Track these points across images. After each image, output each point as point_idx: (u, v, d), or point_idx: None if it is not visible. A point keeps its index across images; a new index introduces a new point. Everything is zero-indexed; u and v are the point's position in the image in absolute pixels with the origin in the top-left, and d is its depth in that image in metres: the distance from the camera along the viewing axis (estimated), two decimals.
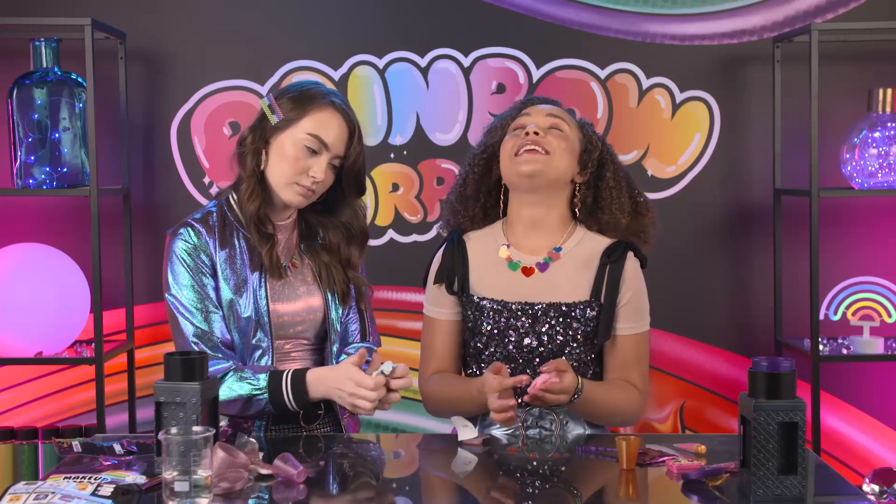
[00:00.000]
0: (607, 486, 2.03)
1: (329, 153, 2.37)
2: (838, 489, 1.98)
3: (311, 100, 2.38)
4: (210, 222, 2.41)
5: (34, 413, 3.47)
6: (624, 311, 2.42)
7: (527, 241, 2.49)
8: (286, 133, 2.37)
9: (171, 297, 2.36)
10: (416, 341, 2.63)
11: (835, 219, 3.47)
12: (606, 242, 2.47)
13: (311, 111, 2.37)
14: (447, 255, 2.51)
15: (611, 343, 2.43)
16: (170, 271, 2.37)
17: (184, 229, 2.39)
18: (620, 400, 2.40)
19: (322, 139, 2.36)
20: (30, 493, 1.74)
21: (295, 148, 2.36)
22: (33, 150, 3.15)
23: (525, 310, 2.41)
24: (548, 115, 2.47)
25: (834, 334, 3.43)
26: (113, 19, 3.31)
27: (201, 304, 2.35)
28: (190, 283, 2.36)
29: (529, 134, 2.42)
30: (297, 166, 2.36)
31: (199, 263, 2.36)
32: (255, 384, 2.29)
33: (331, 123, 2.37)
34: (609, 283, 2.41)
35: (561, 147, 2.43)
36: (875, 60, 3.46)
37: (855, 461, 3.49)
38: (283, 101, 2.40)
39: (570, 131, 2.47)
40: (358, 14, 3.47)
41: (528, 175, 2.40)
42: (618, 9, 3.47)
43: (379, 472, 2.17)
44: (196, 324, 2.34)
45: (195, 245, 2.37)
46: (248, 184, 2.40)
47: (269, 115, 2.39)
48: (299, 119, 2.37)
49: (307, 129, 2.36)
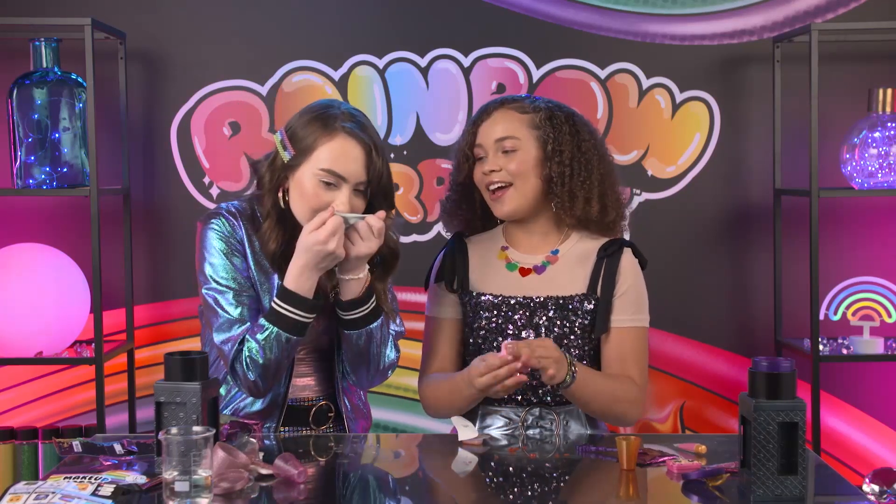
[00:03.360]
0: (607, 486, 2.03)
1: (349, 184, 2.25)
2: (838, 489, 1.98)
3: (321, 129, 2.26)
4: (245, 214, 2.35)
5: (34, 413, 3.47)
6: (620, 303, 2.42)
7: (525, 243, 2.50)
8: (301, 169, 2.27)
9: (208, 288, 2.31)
10: (416, 341, 2.63)
11: (835, 219, 3.47)
12: (603, 241, 2.47)
13: (322, 142, 2.25)
14: (448, 255, 2.53)
15: (608, 337, 2.43)
16: (207, 263, 2.32)
17: (216, 219, 2.34)
18: (617, 388, 2.36)
19: (337, 173, 2.24)
20: (30, 493, 1.74)
21: (312, 185, 2.26)
22: (33, 150, 3.15)
23: (523, 303, 2.42)
24: (496, 140, 2.43)
25: (834, 334, 3.43)
26: (113, 19, 3.31)
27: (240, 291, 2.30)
28: (230, 273, 2.31)
29: (487, 174, 2.43)
30: (319, 201, 2.24)
31: (233, 251, 2.32)
32: (262, 331, 2.23)
33: (344, 153, 2.25)
34: (605, 275, 2.42)
35: (520, 172, 2.41)
36: (875, 60, 3.46)
37: (855, 461, 3.50)
38: (294, 131, 2.29)
39: (523, 140, 2.42)
40: (358, 14, 3.47)
41: (507, 216, 2.46)
42: (618, 9, 3.47)
43: (379, 472, 2.17)
44: (235, 317, 2.28)
45: (229, 234, 2.32)
46: (268, 225, 2.31)
47: (282, 151, 2.29)
48: (311, 152, 2.26)
49: (320, 165, 2.24)
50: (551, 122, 2.43)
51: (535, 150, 2.43)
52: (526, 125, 2.44)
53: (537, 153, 2.43)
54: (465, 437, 2.27)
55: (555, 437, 2.36)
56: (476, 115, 2.52)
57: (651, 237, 3.34)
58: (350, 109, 2.32)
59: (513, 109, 2.46)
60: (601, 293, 2.42)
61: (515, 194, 2.42)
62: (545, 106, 2.46)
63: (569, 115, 2.47)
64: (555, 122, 2.43)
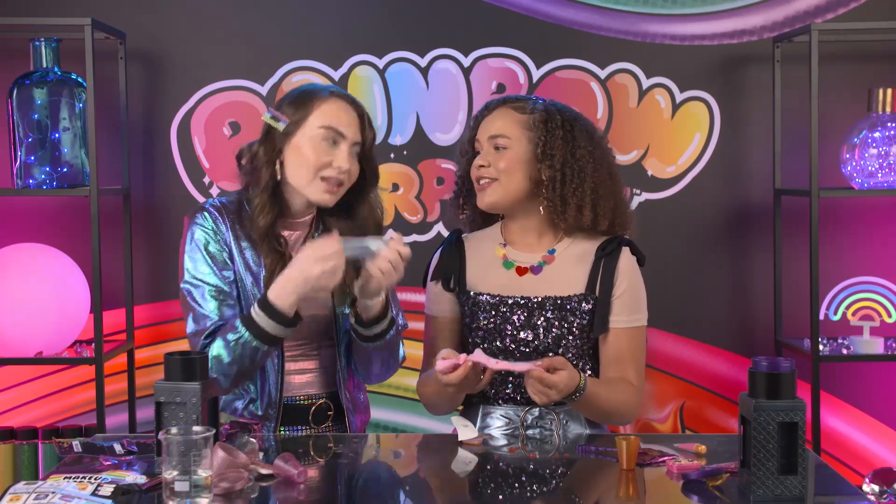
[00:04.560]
0: (607, 486, 2.03)
1: (347, 140, 2.34)
2: (838, 489, 1.98)
3: (312, 96, 2.36)
4: (230, 209, 2.38)
5: (34, 413, 3.47)
6: (619, 303, 2.42)
7: (522, 242, 2.50)
8: (298, 135, 2.34)
9: (187, 284, 2.33)
10: (416, 341, 2.63)
11: (835, 219, 3.47)
12: (601, 240, 2.47)
13: (316, 106, 2.34)
14: (445, 254, 2.54)
15: (606, 337, 2.43)
16: (186, 257, 2.35)
17: (200, 214, 2.37)
18: (620, 401, 2.38)
19: (336, 128, 2.33)
20: (30, 493, 1.74)
21: (312, 144, 2.33)
22: (33, 150, 3.15)
23: (521, 303, 2.42)
24: (490, 137, 2.46)
25: (834, 334, 3.43)
26: (113, 19, 3.31)
27: (216, 292, 2.32)
28: (207, 269, 2.33)
29: (477, 169, 2.46)
30: (319, 161, 2.32)
31: (214, 246, 2.34)
32: (235, 333, 2.24)
33: (339, 111, 2.34)
34: (604, 275, 2.42)
35: (508, 169, 2.42)
36: (875, 60, 3.46)
37: (855, 461, 3.50)
38: (284, 107, 2.37)
39: (515, 140, 2.44)
40: (358, 14, 3.47)
41: (488, 208, 2.48)
42: (618, 9, 3.47)
43: (379, 472, 2.17)
44: (208, 313, 2.31)
45: (211, 229, 2.35)
46: (262, 198, 2.35)
47: (275, 124, 2.35)
48: (306, 117, 2.34)
49: (318, 124, 2.33)
50: (545, 125, 2.43)
51: (525, 151, 2.44)
52: (521, 125, 2.45)
53: (528, 153, 2.43)
54: (465, 437, 2.27)
55: (555, 437, 2.36)
56: (478, 111, 2.55)
57: (651, 237, 3.33)
58: (334, 86, 2.43)
59: (512, 108, 2.47)
60: (599, 293, 2.42)
61: (499, 188, 2.44)
62: (544, 108, 2.46)
63: (567, 120, 2.46)
64: (549, 126, 2.43)
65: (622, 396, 2.39)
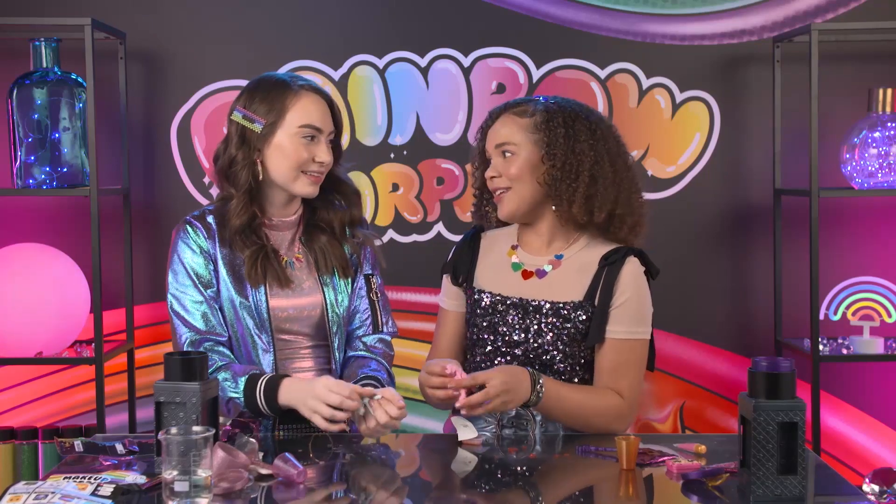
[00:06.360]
0: (607, 486, 2.03)
1: (324, 134, 2.43)
2: (838, 489, 1.98)
3: (283, 92, 2.41)
4: (208, 220, 2.43)
5: (34, 413, 3.47)
6: (617, 314, 2.39)
7: (533, 245, 2.51)
8: (278, 134, 2.40)
9: (171, 297, 2.39)
10: (417, 341, 2.64)
11: (835, 219, 3.47)
12: (609, 247, 2.46)
13: (291, 103, 2.40)
14: (459, 248, 2.58)
15: (602, 347, 2.40)
16: (171, 270, 2.41)
17: (182, 229, 2.42)
18: (598, 406, 2.35)
19: (314, 126, 2.40)
20: (30, 493, 1.74)
21: (293, 143, 2.40)
22: (33, 150, 3.15)
23: (518, 305, 2.42)
24: (497, 146, 2.47)
25: (834, 334, 3.43)
26: (113, 19, 3.31)
27: (200, 304, 2.37)
28: (189, 282, 2.38)
29: (490, 179, 2.48)
30: (302, 157, 2.40)
31: (199, 262, 2.39)
32: (234, 387, 2.30)
33: (313, 107, 2.41)
34: (604, 284, 2.40)
35: (518, 175, 2.43)
36: (875, 60, 3.46)
37: (855, 461, 3.49)
38: (255, 104, 2.41)
39: (521, 146, 2.43)
40: (358, 14, 3.47)
41: (506, 218, 2.49)
42: (618, 9, 3.47)
43: (379, 472, 2.17)
44: (194, 324, 2.36)
45: (196, 243, 2.40)
46: (240, 200, 2.41)
47: (250, 125, 2.41)
48: (283, 116, 2.40)
49: (297, 123, 2.40)
50: (547, 126, 2.43)
51: (532, 154, 2.43)
52: (524, 130, 2.45)
53: (535, 157, 2.43)
54: (465, 437, 2.28)
55: (530, 437, 2.35)
56: (483, 121, 2.56)
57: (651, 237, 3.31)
58: (293, 74, 2.49)
59: (514, 114, 2.47)
60: (598, 302, 2.40)
61: (514, 197, 2.45)
62: (544, 108, 2.45)
63: (569, 117, 2.44)
64: (551, 126, 2.43)
65: (601, 402, 2.35)
